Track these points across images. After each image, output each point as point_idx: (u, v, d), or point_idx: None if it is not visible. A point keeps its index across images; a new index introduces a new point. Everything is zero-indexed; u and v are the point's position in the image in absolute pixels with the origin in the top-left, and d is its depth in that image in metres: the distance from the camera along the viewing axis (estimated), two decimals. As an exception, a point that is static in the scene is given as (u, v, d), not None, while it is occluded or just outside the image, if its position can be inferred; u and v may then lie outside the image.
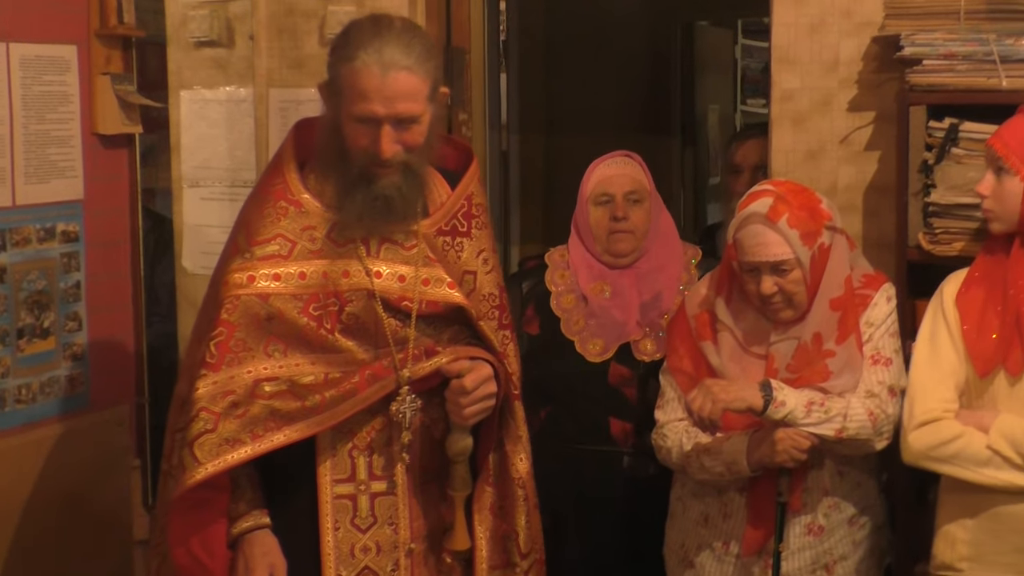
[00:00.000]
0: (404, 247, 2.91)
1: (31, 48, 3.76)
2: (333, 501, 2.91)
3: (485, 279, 3.02)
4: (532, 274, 3.81)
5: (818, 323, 3.21)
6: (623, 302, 3.67)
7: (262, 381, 2.80)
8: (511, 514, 3.05)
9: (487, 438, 3.02)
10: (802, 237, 3.15)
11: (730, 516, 3.32)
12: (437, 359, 2.92)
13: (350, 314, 2.86)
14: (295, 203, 2.87)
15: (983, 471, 3.00)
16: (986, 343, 3.06)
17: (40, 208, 3.82)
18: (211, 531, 2.84)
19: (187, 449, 2.75)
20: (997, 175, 3.08)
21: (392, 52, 2.75)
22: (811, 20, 3.82)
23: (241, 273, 2.83)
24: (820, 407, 3.15)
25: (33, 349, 3.82)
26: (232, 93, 4.40)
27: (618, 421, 3.64)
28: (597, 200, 3.68)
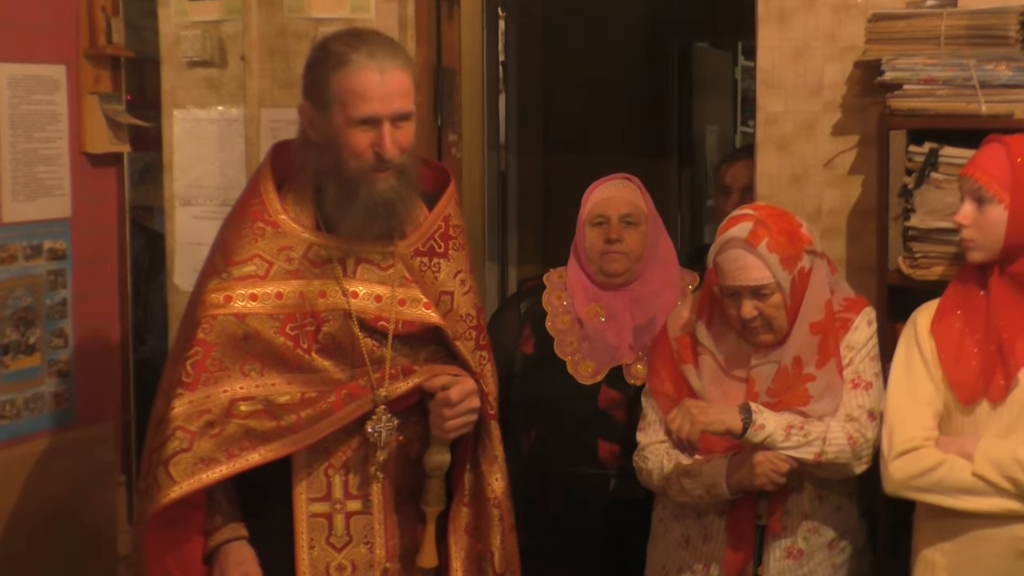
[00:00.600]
0: (381, 267, 2.93)
1: (20, 68, 3.79)
2: (309, 519, 2.93)
3: (462, 300, 3.04)
4: (530, 294, 3.82)
5: (798, 347, 3.22)
6: (617, 325, 3.68)
7: (238, 401, 2.82)
8: (486, 534, 3.06)
9: (462, 458, 3.04)
10: (782, 261, 3.16)
11: (710, 539, 3.32)
12: (414, 377, 2.93)
13: (327, 334, 2.88)
14: (272, 224, 2.89)
15: (967, 498, 3.00)
16: (968, 372, 3.07)
17: (27, 226, 3.84)
18: (186, 549, 2.86)
19: (162, 468, 2.77)
20: (978, 204, 3.08)
21: (383, 53, 2.81)
22: (796, 44, 3.84)
23: (218, 293, 2.85)
24: (799, 431, 3.15)
25: (18, 365, 3.83)
26: (224, 113, 4.43)
27: (606, 443, 3.64)
28: (593, 221, 3.70)
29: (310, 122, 2.87)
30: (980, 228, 3.07)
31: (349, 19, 4.22)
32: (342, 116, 2.80)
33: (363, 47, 2.82)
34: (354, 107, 2.79)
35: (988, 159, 3.10)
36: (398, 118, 2.82)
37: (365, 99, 2.78)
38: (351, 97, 2.78)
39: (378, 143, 2.80)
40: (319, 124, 2.85)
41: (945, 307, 3.15)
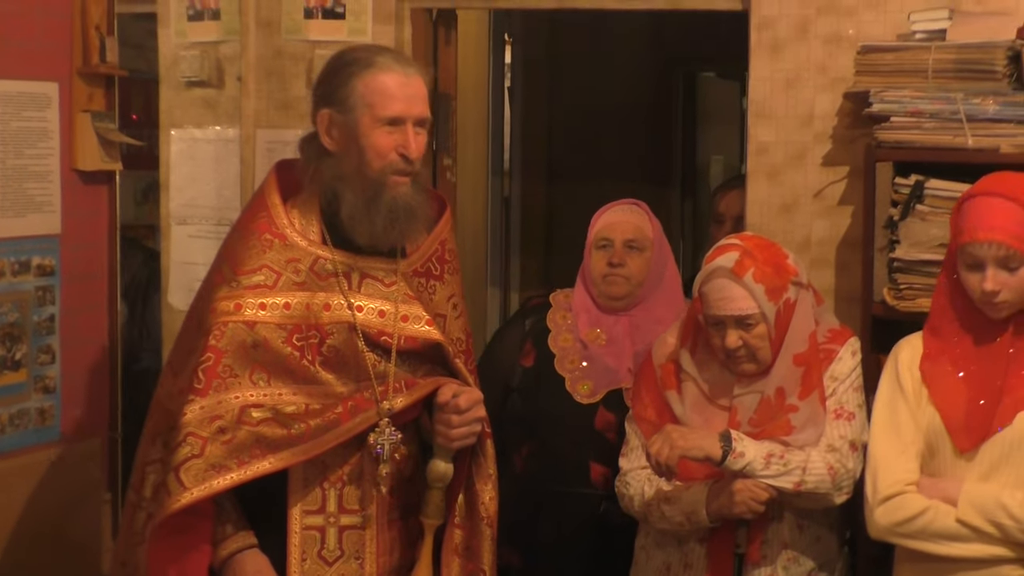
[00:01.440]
0: (384, 283, 2.96)
1: (12, 84, 3.81)
2: (302, 532, 2.93)
3: (454, 324, 3.07)
4: (535, 312, 3.85)
5: (781, 378, 3.22)
6: (617, 350, 3.69)
7: (249, 407, 2.82)
8: (478, 553, 3.07)
9: (459, 476, 3.04)
10: (767, 292, 3.16)
11: (691, 566, 3.31)
12: (418, 389, 2.94)
13: (330, 347, 2.89)
14: (280, 236, 2.91)
15: (952, 545, 2.98)
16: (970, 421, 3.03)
17: (15, 241, 3.85)
18: (191, 557, 2.85)
19: (172, 474, 2.77)
20: (1008, 269, 2.97)
21: (404, 59, 2.93)
22: (787, 75, 3.86)
23: (228, 301, 2.86)
24: (779, 459, 3.14)
25: (4, 381, 3.84)
26: (220, 133, 4.45)
27: (599, 465, 3.64)
28: (598, 244, 3.72)
29: (329, 128, 2.90)
30: (1014, 290, 2.98)
31: (346, 42, 4.22)
32: (368, 117, 2.84)
33: (385, 52, 2.93)
34: (381, 107, 2.84)
35: (1006, 220, 2.97)
36: (418, 123, 2.88)
37: (393, 99, 2.83)
38: (378, 97, 2.84)
39: (403, 144, 2.85)
40: (341, 129, 2.88)
41: (932, 352, 3.11)
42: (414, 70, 2.91)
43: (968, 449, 3.02)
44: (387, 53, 2.94)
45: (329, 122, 2.90)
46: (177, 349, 3.02)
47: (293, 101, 4.33)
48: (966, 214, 3.01)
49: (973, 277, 3.00)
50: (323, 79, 2.97)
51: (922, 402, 3.09)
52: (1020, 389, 3.00)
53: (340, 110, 2.88)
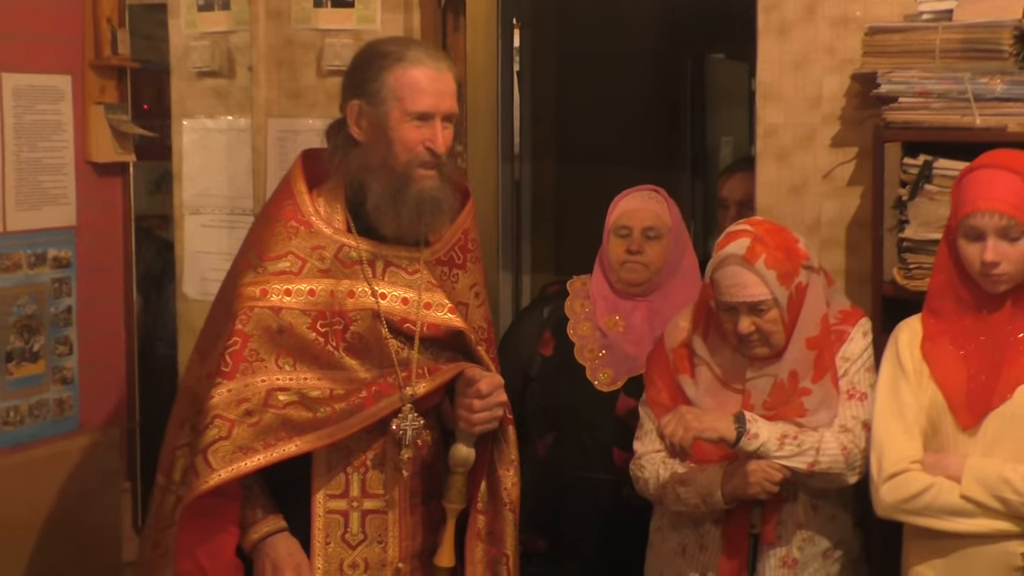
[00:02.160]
0: (407, 272, 2.98)
1: (25, 78, 3.84)
2: (325, 516, 2.95)
3: (476, 312, 3.10)
4: (553, 300, 3.86)
5: (794, 361, 3.22)
6: (636, 336, 3.70)
7: (275, 391, 2.85)
8: (501, 538, 3.09)
9: (481, 462, 3.06)
10: (779, 278, 3.17)
11: (706, 548, 3.33)
12: (440, 375, 2.97)
13: (354, 333, 2.92)
14: (305, 224, 2.94)
15: (957, 520, 3.00)
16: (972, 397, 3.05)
17: (31, 234, 3.89)
18: (218, 540, 2.88)
19: (200, 456, 2.79)
20: (1008, 239, 2.99)
21: (435, 54, 2.94)
22: (795, 57, 3.85)
23: (254, 286, 2.89)
24: (793, 440, 3.16)
25: (22, 372, 3.88)
26: (232, 123, 4.47)
27: (621, 451, 3.65)
28: (617, 232, 3.73)
29: (358, 120, 2.92)
30: (1014, 262, 3.00)
31: (355, 30, 4.26)
32: (398, 110, 2.87)
33: (415, 47, 2.95)
34: (411, 101, 2.86)
35: (1006, 191, 3.00)
36: (446, 118, 2.91)
37: (422, 93, 2.86)
38: (408, 91, 2.86)
39: (430, 138, 2.88)
40: (370, 120, 2.91)
41: (933, 332, 3.13)
42: (445, 65, 2.93)
43: (970, 426, 3.04)
44: (419, 47, 2.95)
45: (358, 113, 2.92)
46: (204, 334, 3.05)
47: (304, 90, 4.35)
48: (967, 187, 3.04)
49: (973, 248, 3.02)
50: (354, 70, 2.99)
51: (923, 381, 3.10)
52: (1019, 363, 3.02)
53: (370, 102, 2.90)
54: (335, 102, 4.21)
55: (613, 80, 6.56)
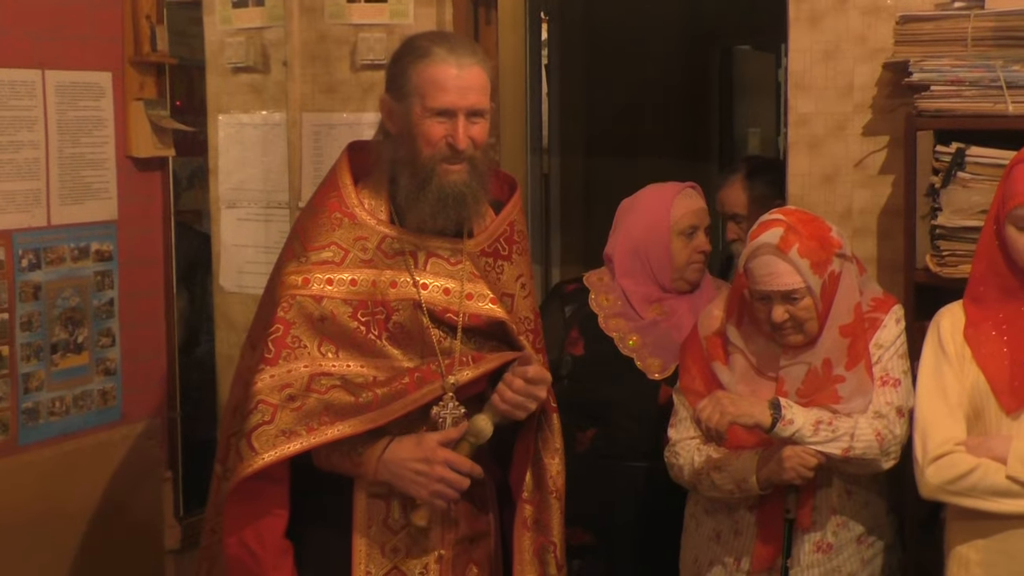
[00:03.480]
0: (450, 262, 3.00)
1: (67, 75, 3.88)
2: (368, 500, 2.97)
3: (522, 303, 3.11)
4: (574, 297, 3.85)
5: (828, 349, 3.24)
6: (679, 323, 3.72)
7: (318, 376, 2.88)
8: (548, 526, 3.10)
9: (524, 452, 3.08)
10: (813, 266, 3.19)
11: (741, 533, 3.36)
12: (485, 363, 2.99)
13: (396, 323, 2.94)
14: (349, 215, 2.97)
15: (1002, 501, 3.02)
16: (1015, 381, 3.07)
17: (74, 228, 3.93)
18: (265, 522, 2.90)
19: (245, 440, 2.82)
20: None
21: (462, 49, 2.92)
22: (826, 46, 3.87)
23: (297, 275, 2.92)
24: (828, 426, 3.18)
25: (67, 364, 3.92)
26: (267, 117, 4.50)
27: None
28: (684, 232, 3.74)
29: (389, 114, 2.96)
30: None
31: (388, 25, 4.29)
32: (420, 106, 2.88)
33: (444, 43, 2.94)
34: (431, 97, 2.87)
35: None
36: (473, 113, 2.91)
37: (442, 90, 2.87)
38: (429, 88, 2.87)
39: (451, 134, 2.88)
40: (398, 115, 2.94)
41: (975, 319, 3.15)
42: (473, 60, 2.92)
43: (1014, 409, 3.06)
44: (446, 43, 2.95)
45: (389, 108, 2.96)
46: (255, 324, 3.08)
47: (338, 84, 4.38)
48: (1017, 178, 3.06)
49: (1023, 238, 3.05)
50: (388, 65, 3.03)
51: (965, 365, 3.12)
52: (1063, 348, 3.04)
53: (396, 97, 2.94)
54: (369, 96, 4.31)
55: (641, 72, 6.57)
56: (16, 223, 3.78)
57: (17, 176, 3.77)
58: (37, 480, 3.85)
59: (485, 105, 2.93)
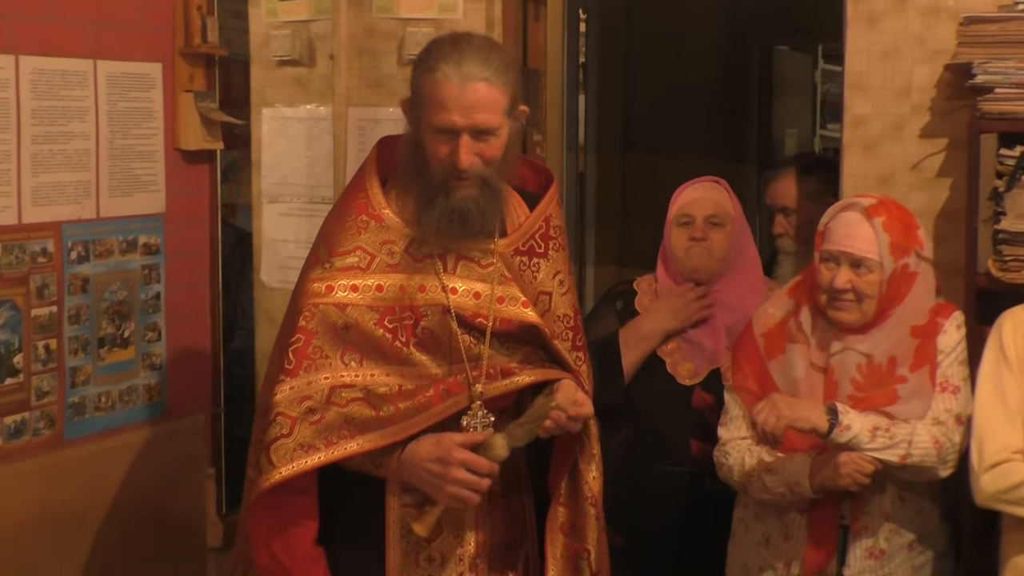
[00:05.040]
0: (480, 265, 2.93)
1: (118, 65, 3.86)
2: (401, 508, 2.93)
3: (560, 300, 3.04)
4: (623, 296, 3.86)
5: (895, 346, 3.21)
6: (711, 329, 3.70)
7: (339, 388, 2.83)
8: (583, 532, 3.06)
9: (563, 460, 3.04)
10: (891, 246, 3.16)
11: (791, 537, 3.32)
12: (515, 379, 2.94)
13: (424, 328, 2.88)
14: (376, 217, 2.91)
15: None
16: None
17: (123, 220, 3.91)
18: (292, 532, 2.87)
19: (264, 453, 2.79)
20: None
21: (471, 64, 2.79)
22: (884, 47, 3.83)
23: (320, 283, 2.87)
24: (885, 432, 3.14)
25: (113, 358, 3.91)
26: (312, 111, 4.48)
27: (699, 443, 3.64)
28: (679, 221, 3.72)
29: (407, 118, 2.91)
30: None
31: (437, 19, 4.26)
32: (425, 121, 2.82)
33: (454, 56, 2.80)
34: (434, 114, 2.80)
35: None
36: (480, 132, 2.81)
37: (444, 109, 2.78)
38: (432, 104, 2.80)
39: (453, 154, 2.80)
40: (412, 123, 2.89)
41: None
42: (483, 75, 2.80)
43: None
44: (455, 56, 2.81)
45: (407, 112, 2.91)
46: (283, 327, 3.03)
47: (384, 79, 4.35)
48: None
49: None
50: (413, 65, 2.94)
51: None
52: None
53: (412, 104, 2.88)
54: (415, 91, 4.27)
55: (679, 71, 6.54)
56: (66, 215, 3.75)
57: (67, 167, 3.74)
58: (82, 475, 3.83)
59: (494, 123, 2.81)
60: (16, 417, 3.64)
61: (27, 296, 3.65)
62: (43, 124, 3.66)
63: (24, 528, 3.65)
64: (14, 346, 3.61)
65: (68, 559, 3.79)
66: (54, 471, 3.74)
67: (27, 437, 3.67)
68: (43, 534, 3.70)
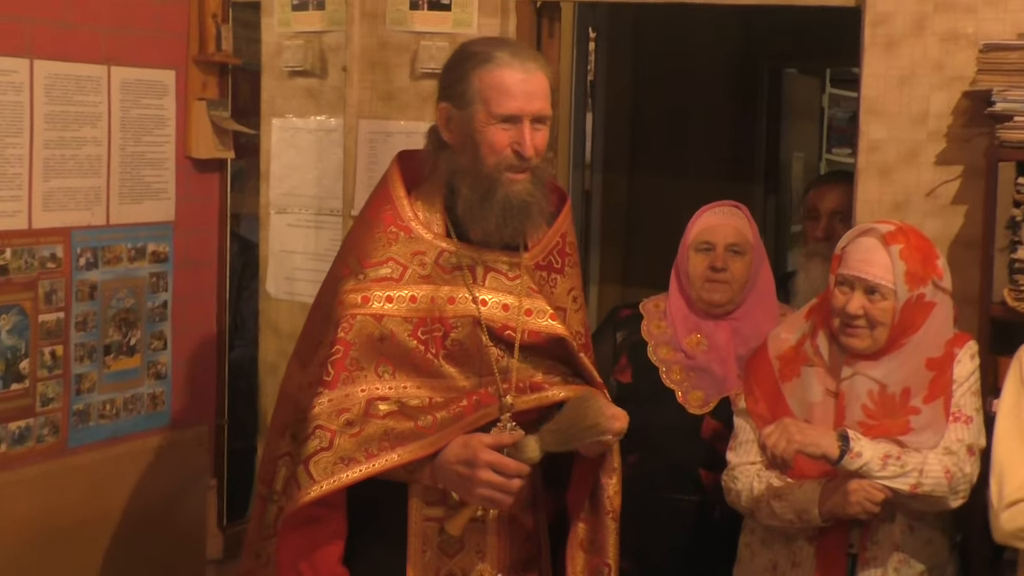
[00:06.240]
0: (508, 277, 2.94)
1: (131, 72, 3.85)
2: (423, 523, 2.93)
3: (574, 317, 3.05)
4: (626, 324, 3.81)
5: (909, 376, 3.19)
6: (722, 356, 3.67)
7: (375, 400, 2.82)
8: (603, 548, 3.06)
9: (584, 474, 3.03)
10: (907, 274, 3.14)
11: (799, 565, 3.30)
12: (544, 394, 2.95)
13: (454, 340, 2.88)
14: (405, 229, 2.90)
15: None
16: None
17: (132, 228, 3.90)
18: (321, 550, 2.86)
19: (302, 466, 2.77)
20: None
21: (524, 54, 2.87)
22: (901, 72, 3.82)
23: (356, 294, 2.86)
24: (896, 461, 3.12)
25: (119, 366, 3.89)
26: (322, 123, 4.46)
27: (709, 473, 3.62)
28: (698, 247, 3.68)
29: (447, 123, 2.89)
30: None
31: (451, 34, 4.25)
32: (484, 113, 2.82)
33: (505, 47, 2.88)
34: (496, 103, 2.81)
35: None
36: (537, 119, 2.84)
37: (508, 95, 2.80)
38: (494, 93, 2.81)
39: (518, 141, 2.82)
40: (458, 123, 2.87)
41: None
42: (535, 65, 2.86)
43: None
44: (507, 47, 2.89)
45: (447, 116, 2.89)
46: (304, 340, 3.02)
47: (396, 92, 4.34)
48: None
49: None
50: (445, 71, 2.95)
51: None
52: None
53: (457, 104, 2.86)
54: (428, 104, 4.27)
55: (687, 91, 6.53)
56: (76, 221, 3.73)
57: (79, 173, 3.72)
58: (84, 483, 3.81)
59: (549, 112, 2.88)
60: (20, 423, 3.62)
61: (35, 301, 3.63)
62: (56, 129, 3.64)
63: (25, 534, 3.63)
64: (20, 351, 3.59)
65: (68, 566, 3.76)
66: (57, 478, 3.72)
67: (31, 443, 3.65)
68: (44, 541, 3.68)
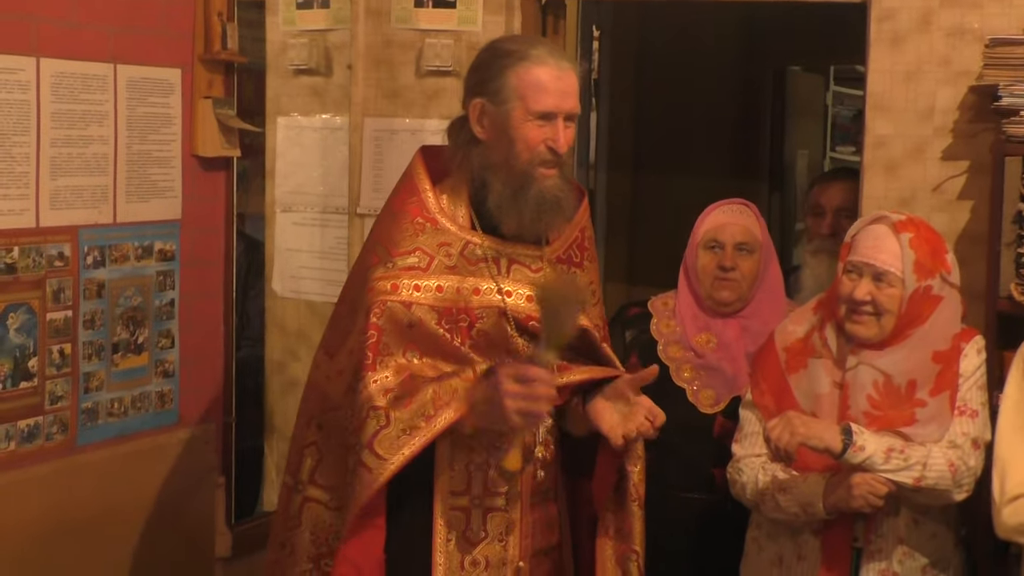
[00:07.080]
0: (531, 269, 2.98)
1: (138, 70, 3.86)
2: (448, 513, 2.96)
3: (592, 311, 3.10)
4: (635, 323, 3.81)
5: (914, 369, 3.19)
6: (730, 354, 3.67)
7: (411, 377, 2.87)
8: (630, 535, 3.10)
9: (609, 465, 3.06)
10: (916, 264, 3.15)
11: (804, 558, 3.30)
12: (570, 375, 2.98)
13: (480, 331, 2.93)
14: (431, 220, 2.95)
15: None
16: None
17: (139, 226, 3.90)
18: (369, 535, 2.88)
19: (367, 450, 2.80)
20: None
21: (559, 53, 2.94)
22: (907, 68, 3.83)
23: (385, 281, 2.90)
24: (900, 454, 3.13)
25: (127, 364, 3.89)
26: (328, 121, 4.47)
27: (722, 471, 3.58)
28: (707, 245, 3.69)
29: (480, 117, 2.93)
30: None
31: (456, 31, 4.26)
32: (521, 109, 2.87)
33: (540, 45, 2.94)
34: (534, 101, 2.86)
35: None
36: (568, 117, 2.90)
37: (545, 93, 2.86)
38: (531, 91, 2.86)
39: (552, 138, 2.87)
40: (493, 119, 2.91)
41: None
42: (568, 64, 2.92)
43: None
44: (542, 46, 2.95)
45: (481, 111, 2.93)
46: (332, 332, 3.06)
47: (401, 89, 4.34)
48: None
49: None
50: (476, 69, 2.99)
51: None
52: None
53: (493, 101, 2.90)
54: (433, 102, 4.28)
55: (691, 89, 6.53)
56: (83, 219, 3.73)
57: (86, 171, 3.73)
58: (93, 481, 3.81)
59: (579, 110, 2.93)
60: (29, 421, 3.62)
61: (43, 300, 3.63)
62: (63, 127, 3.64)
63: (34, 532, 3.63)
64: (29, 350, 3.59)
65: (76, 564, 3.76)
66: (66, 476, 3.72)
67: (40, 441, 3.65)
68: (53, 539, 3.68)
